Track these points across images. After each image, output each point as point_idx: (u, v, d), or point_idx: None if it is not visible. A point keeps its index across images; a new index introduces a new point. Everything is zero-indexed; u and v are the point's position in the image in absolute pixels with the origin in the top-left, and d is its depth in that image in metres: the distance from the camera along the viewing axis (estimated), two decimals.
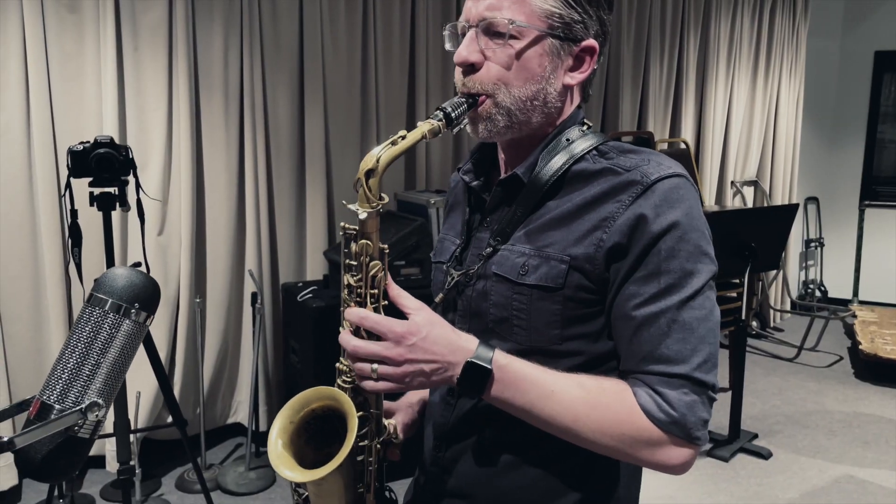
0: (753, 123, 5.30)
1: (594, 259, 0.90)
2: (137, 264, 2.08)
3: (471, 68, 0.95)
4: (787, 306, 5.82)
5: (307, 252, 3.51)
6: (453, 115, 0.93)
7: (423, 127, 0.91)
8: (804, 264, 6.21)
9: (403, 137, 0.89)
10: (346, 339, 0.89)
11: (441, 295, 1.04)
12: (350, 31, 3.53)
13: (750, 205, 5.31)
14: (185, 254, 3.16)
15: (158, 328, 3.13)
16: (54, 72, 2.90)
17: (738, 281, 3.99)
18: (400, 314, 0.91)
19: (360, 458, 0.99)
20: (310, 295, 3.10)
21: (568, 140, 0.97)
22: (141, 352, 2.65)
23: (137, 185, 2.10)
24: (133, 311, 0.71)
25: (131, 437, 2.99)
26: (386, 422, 1.02)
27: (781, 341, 5.27)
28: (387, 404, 1.07)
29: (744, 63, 5.14)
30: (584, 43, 0.95)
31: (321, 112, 3.46)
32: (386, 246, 0.93)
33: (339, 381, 0.95)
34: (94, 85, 2.98)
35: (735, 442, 3.55)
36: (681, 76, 4.80)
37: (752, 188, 5.43)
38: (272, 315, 3.44)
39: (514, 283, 0.95)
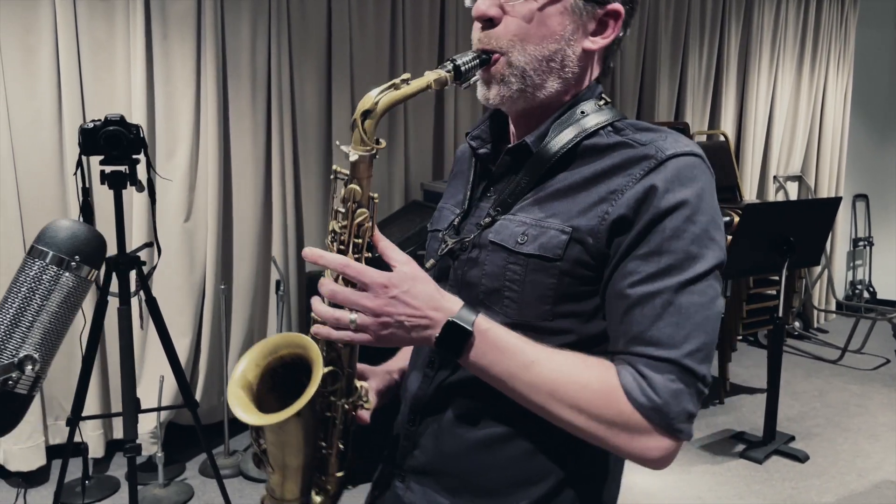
0: (798, 116, 5.12)
1: (597, 232, 0.86)
2: (149, 244, 2.09)
3: (489, 23, 0.91)
4: (833, 307, 5.61)
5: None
6: (463, 67, 0.89)
7: (430, 76, 0.87)
8: (852, 264, 5.98)
9: (407, 82, 0.86)
10: (327, 283, 0.85)
11: (432, 261, 1.00)
12: (378, 17, 3.51)
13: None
14: (212, 240, 3.18)
15: (183, 314, 3.16)
16: (85, 59, 2.95)
17: (776, 277, 3.85)
18: (387, 267, 0.87)
19: (327, 415, 0.96)
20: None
21: (583, 112, 0.92)
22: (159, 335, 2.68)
23: (148, 165, 2.11)
24: (74, 264, 0.69)
25: (154, 422, 3.03)
26: (358, 383, 0.98)
27: (825, 343, 5.08)
28: (363, 367, 1.04)
29: (788, 54, 4.97)
30: (610, 6, 0.91)
31: (348, 99, 3.45)
32: (376, 195, 0.89)
33: (312, 330, 0.90)
34: (124, 72, 3.02)
35: (770, 444, 3.42)
36: (721, 66, 4.66)
37: (795, 183, 5.25)
38: (297, 302, 3.45)
39: (511, 251, 0.90)
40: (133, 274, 2.09)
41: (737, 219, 3.44)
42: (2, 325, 0.65)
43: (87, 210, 2.04)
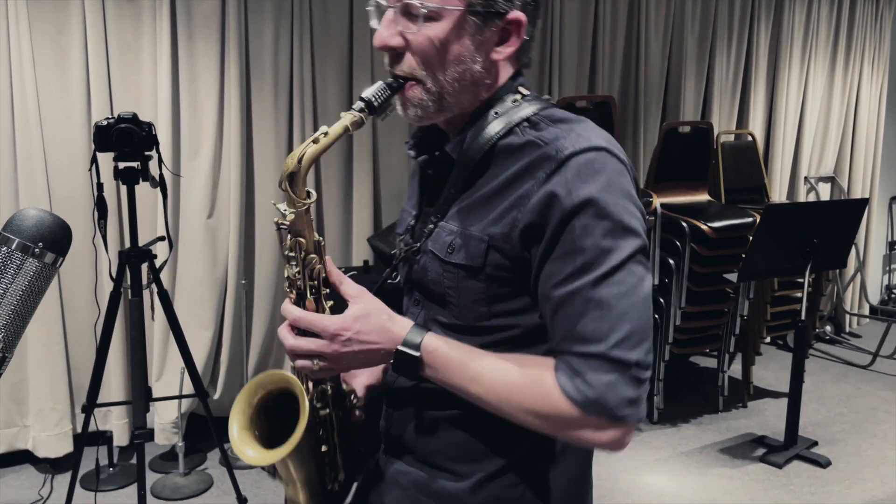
0: (831, 116, 5.01)
1: (510, 238, 0.90)
2: (161, 238, 2.16)
3: (396, 58, 0.94)
4: (866, 311, 5.47)
5: (353, 238, 3.56)
6: (375, 103, 0.91)
7: (345, 119, 0.90)
8: (888, 268, 5.82)
9: (326, 134, 0.89)
10: (285, 336, 0.93)
11: (390, 268, 1.08)
12: None
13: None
14: (234, 237, 3.26)
15: (205, 309, 3.24)
16: (113, 59, 3.05)
17: (800, 280, 3.79)
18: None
19: (321, 433, 1.03)
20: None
21: (496, 114, 0.95)
22: (187, 329, 2.75)
23: (160, 161, 2.18)
24: (37, 250, 0.73)
25: (175, 412, 3.11)
26: (346, 387, 1.06)
27: (857, 347, 4.96)
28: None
29: (821, 52, 4.86)
30: (509, 16, 0.92)
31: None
32: (321, 238, 0.95)
33: (292, 364, 0.96)
34: (151, 72, 3.11)
35: (791, 448, 3.36)
36: (749, 65, 4.58)
37: (828, 185, 5.14)
38: None
39: (443, 261, 0.96)
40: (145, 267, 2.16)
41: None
42: None
43: (101, 204, 2.12)
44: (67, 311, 3.08)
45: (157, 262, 2.26)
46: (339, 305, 0.95)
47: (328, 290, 0.95)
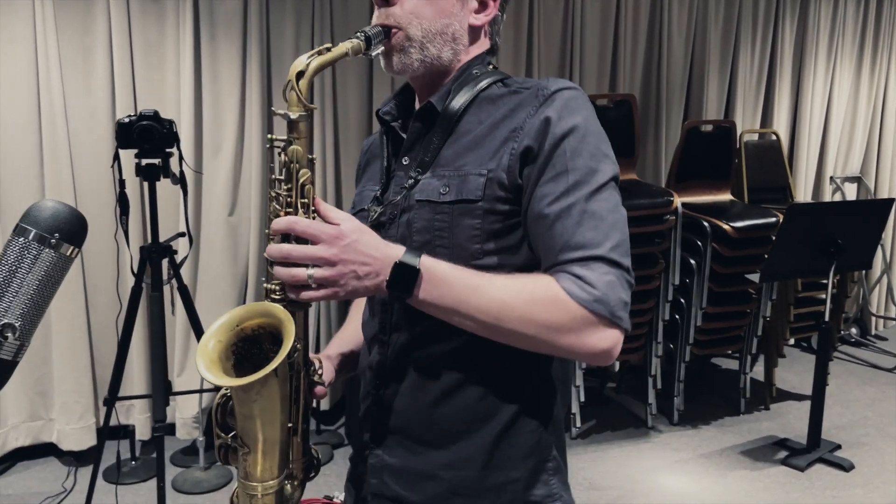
0: (857, 115, 4.94)
1: (509, 167, 0.96)
2: (182, 234, 2.19)
3: (385, 2, 1.02)
4: (893, 313, 5.38)
5: None
6: (372, 36, 0.99)
7: (346, 45, 0.97)
8: None
9: (328, 49, 0.95)
10: (276, 246, 0.89)
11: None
12: None
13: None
14: (254, 234, 3.29)
15: (226, 305, 3.27)
16: (137, 59, 3.09)
17: (825, 281, 3.73)
18: None
19: (289, 390, 0.96)
20: None
21: (475, 73, 1.05)
22: (208, 324, 2.79)
23: (181, 158, 2.21)
24: (54, 241, 0.75)
25: (196, 407, 3.15)
26: (314, 357, 1.04)
27: (883, 350, 4.88)
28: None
29: (847, 50, 4.79)
30: None
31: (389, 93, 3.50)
32: (314, 155, 0.95)
33: (267, 300, 0.94)
34: (174, 71, 3.15)
35: (814, 451, 3.32)
36: (774, 63, 4.53)
37: (854, 185, 5.06)
38: None
39: (436, 203, 0.99)
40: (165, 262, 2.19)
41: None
42: None
43: (123, 201, 2.15)
44: (91, 305, 3.13)
45: (178, 258, 2.29)
46: None
47: (315, 216, 0.92)
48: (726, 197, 3.93)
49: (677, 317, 3.63)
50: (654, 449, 3.43)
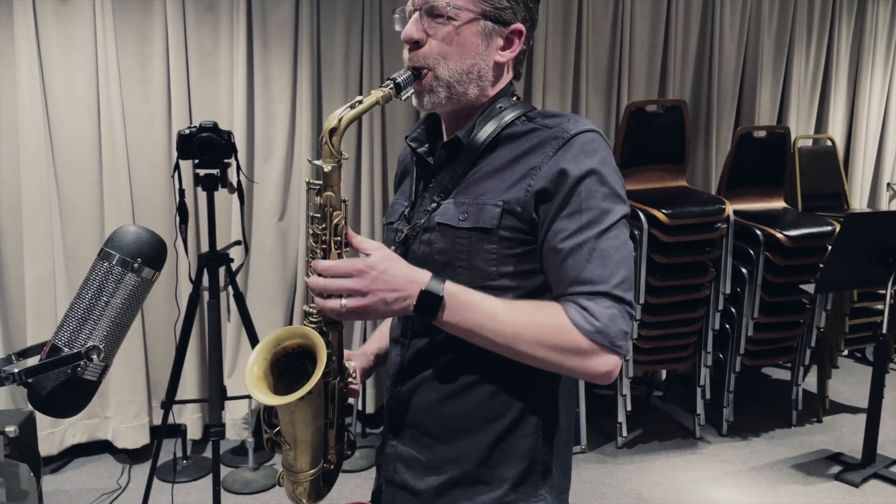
0: None
1: (524, 202, 1.05)
2: (238, 242, 2.23)
3: (416, 45, 1.10)
4: None
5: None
6: (402, 83, 1.07)
7: (377, 94, 1.05)
8: None
9: (360, 102, 1.04)
10: (315, 280, 1.01)
11: (391, 248, 1.14)
12: None
13: None
14: (303, 239, 3.33)
15: (275, 308, 3.33)
16: (192, 67, 3.16)
17: (882, 292, 3.63)
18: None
19: (327, 391, 1.11)
20: None
21: (500, 108, 1.13)
22: (258, 327, 2.83)
23: (238, 168, 2.25)
24: (136, 265, 0.78)
25: (246, 409, 3.21)
26: (347, 363, 1.15)
27: None
28: (346, 352, 1.20)
29: None
30: (513, 26, 1.11)
31: None
32: (346, 198, 1.06)
33: (305, 322, 1.08)
34: (227, 78, 3.21)
35: (869, 467, 3.23)
36: (830, 66, 4.41)
37: None
38: None
39: (455, 228, 1.09)
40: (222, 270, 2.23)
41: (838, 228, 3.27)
42: (74, 320, 0.74)
43: (182, 210, 2.20)
44: (147, 309, 3.21)
45: (234, 266, 2.33)
46: None
47: (348, 249, 1.06)
48: (779, 204, 3.84)
49: (727, 326, 3.57)
50: (703, 460, 3.38)
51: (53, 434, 3.14)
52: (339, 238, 1.05)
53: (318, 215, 1.04)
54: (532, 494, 1.13)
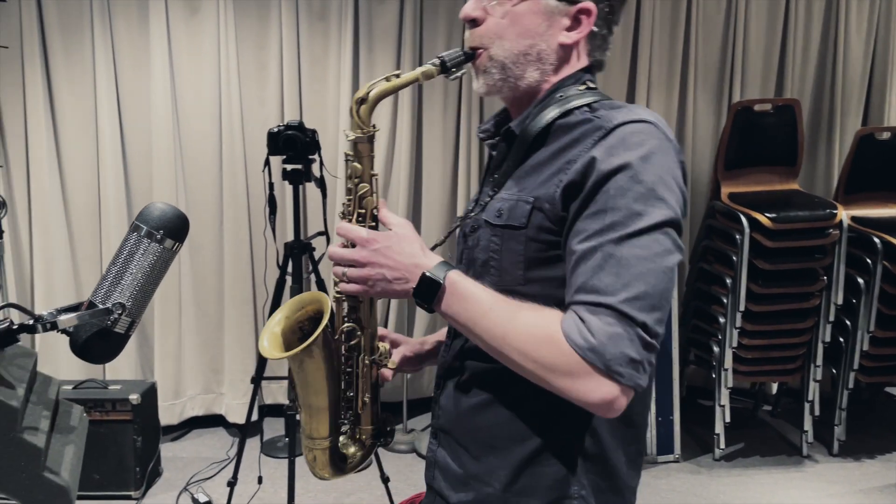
0: None
1: (553, 198, 0.95)
2: (321, 233, 2.39)
3: (473, 23, 1.04)
4: None
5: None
6: (449, 63, 1.02)
7: (419, 70, 1.02)
8: None
9: (398, 76, 1.01)
10: (330, 248, 1.02)
11: (441, 238, 1.14)
12: None
13: None
14: None
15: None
16: (304, 72, 3.40)
17: None
18: None
19: (348, 370, 1.12)
20: None
21: (561, 96, 1.02)
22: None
23: (321, 164, 2.42)
24: (158, 236, 0.90)
25: None
26: (381, 344, 1.13)
27: None
28: (394, 336, 1.21)
29: None
30: (581, 4, 1.01)
31: None
32: (376, 171, 1.05)
33: (334, 290, 1.08)
34: (335, 83, 3.42)
35: None
36: None
37: None
38: None
39: (493, 225, 1.02)
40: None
41: None
42: (108, 281, 0.89)
43: (272, 202, 2.40)
44: (258, 294, 3.48)
45: (317, 255, 2.51)
46: None
47: (375, 224, 1.03)
48: None
49: (841, 339, 3.35)
50: (807, 479, 3.20)
51: (174, 405, 3.46)
52: (363, 210, 1.03)
53: (349, 182, 1.04)
54: None
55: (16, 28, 3.13)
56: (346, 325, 1.09)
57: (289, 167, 2.39)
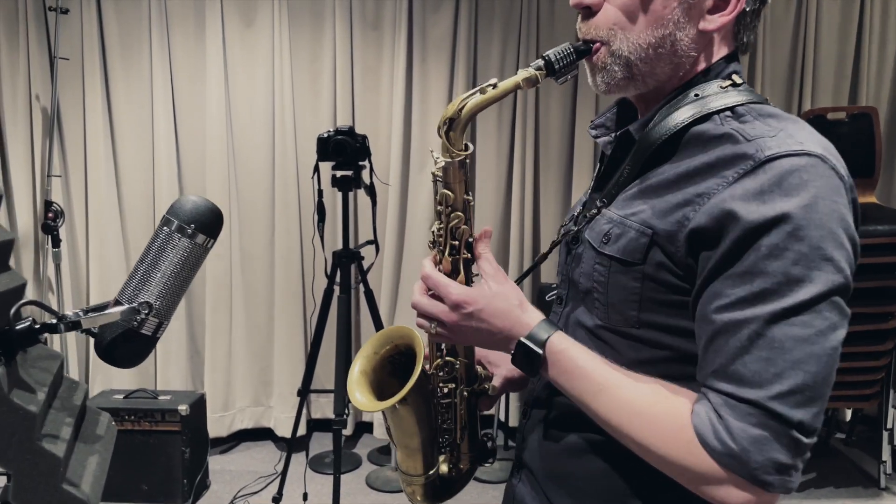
0: None
1: (675, 239, 0.77)
2: (371, 242, 2.32)
3: (588, 11, 0.86)
4: None
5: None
6: (556, 64, 0.85)
7: (520, 75, 0.84)
8: None
9: (494, 86, 0.84)
10: (414, 289, 0.91)
11: (542, 254, 1.03)
12: None
13: None
14: None
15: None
16: (357, 82, 3.37)
17: None
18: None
19: (445, 402, 1.00)
20: (554, 295, 3.11)
21: (696, 95, 0.83)
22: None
23: (371, 170, 2.35)
24: (190, 231, 0.84)
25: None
26: (481, 371, 1.02)
27: None
28: (495, 356, 1.06)
29: None
30: None
31: (592, 115, 3.44)
32: (471, 197, 0.89)
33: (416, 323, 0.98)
34: (387, 92, 3.38)
35: None
36: None
37: None
38: None
39: (597, 251, 0.86)
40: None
41: None
42: (135, 279, 0.82)
43: (321, 209, 2.35)
44: (308, 306, 3.43)
45: (365, 265, 2.44)
46: None
47: (469, 256, 0.90)
48: None
49: None
50: None
51: (224, 417, 3.44)
52: (456, 242, 0.89)
53: (440, 208, 0.89)
54: None
55: (77, 40, 3.19)
56: (439, 359, 0.98)
57: (338, 174, 2.34)
